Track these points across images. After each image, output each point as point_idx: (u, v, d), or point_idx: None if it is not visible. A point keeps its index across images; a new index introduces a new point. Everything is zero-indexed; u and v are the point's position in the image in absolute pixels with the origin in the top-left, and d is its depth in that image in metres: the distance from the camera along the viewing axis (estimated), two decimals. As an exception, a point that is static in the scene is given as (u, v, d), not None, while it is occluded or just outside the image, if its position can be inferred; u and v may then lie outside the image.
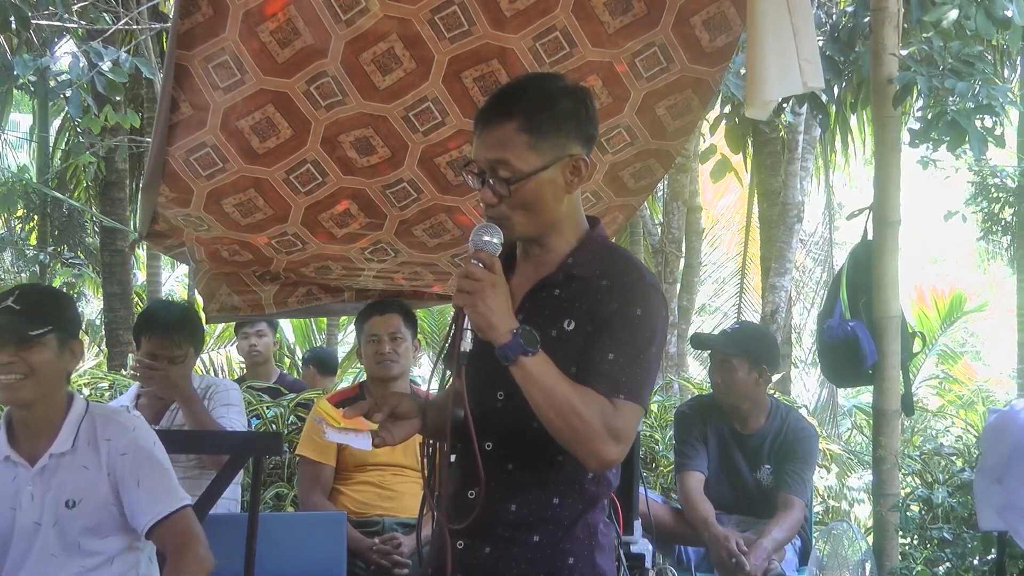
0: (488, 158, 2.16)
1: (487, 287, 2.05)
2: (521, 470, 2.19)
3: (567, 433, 2.07)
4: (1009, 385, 14.62)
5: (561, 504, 2.19)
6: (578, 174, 2.20)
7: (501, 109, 2.18)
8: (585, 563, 2.20)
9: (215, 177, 3.80)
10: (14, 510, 2.83)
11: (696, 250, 10.31)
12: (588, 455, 2.09)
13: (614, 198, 4.19)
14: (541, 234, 2.22)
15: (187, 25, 3.35)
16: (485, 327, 2.05)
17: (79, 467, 2.84)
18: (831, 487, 6.94)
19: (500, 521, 2.19)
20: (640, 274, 2.20)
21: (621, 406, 2.08)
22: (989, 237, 11.33)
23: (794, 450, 4.43)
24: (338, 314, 10.07)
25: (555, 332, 2.15)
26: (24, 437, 2.87)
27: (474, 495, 2.18)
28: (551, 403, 2.05)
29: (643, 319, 2.13)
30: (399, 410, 2.24)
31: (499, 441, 2.20)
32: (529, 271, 2.25)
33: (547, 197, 2.17)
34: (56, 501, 2.82)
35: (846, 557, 4.06)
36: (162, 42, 8.43)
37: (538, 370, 2.05)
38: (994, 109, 4.71)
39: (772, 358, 4.57)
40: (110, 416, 2.94)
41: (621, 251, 2.29)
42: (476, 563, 2.20)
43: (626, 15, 3.56)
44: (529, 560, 2.18)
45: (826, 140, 10.03)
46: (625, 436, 2.08)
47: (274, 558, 3.53)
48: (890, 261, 4.51)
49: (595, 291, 2.16)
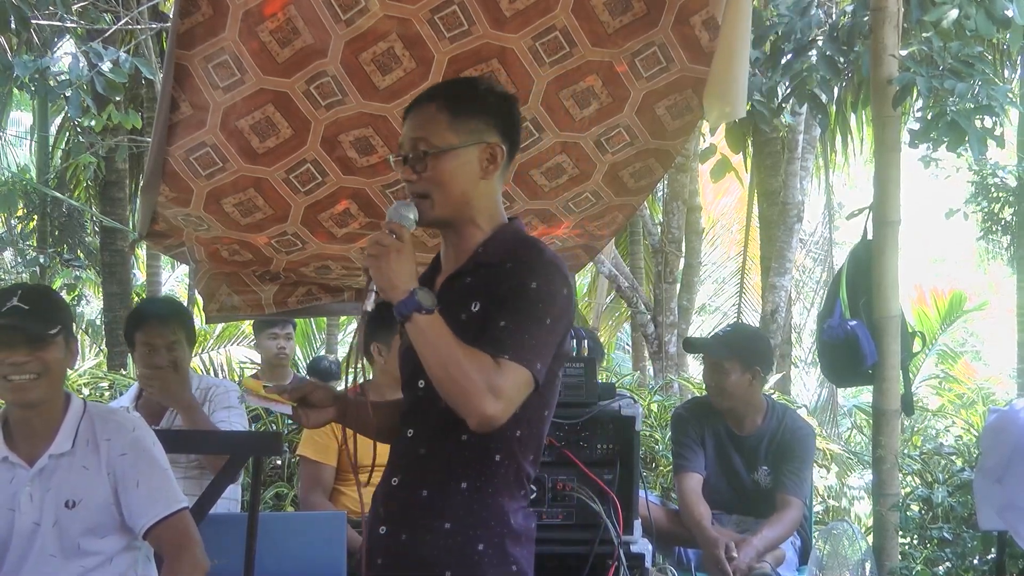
0: (410, 136, 2.32)
1: (392, 251, 2.18)
2: (431, 455, 2.29)
3: (451, 388, 2.15)
4: (1009, 385, 14.62)
5: (469, 489, 2.25)
6: (494, 162, 2.33)
7: (427, 94, 2.37)
8: (496, 551, 2.25)
9: (215, 177, 3.80)
10: (13, 511, 2.81)
11: (696, 250, 10.32)
12: (469, 410, 2.15)
13: (614, 198, 4.19)
14: (455, 217, 2.33)
15: (187, 25, 3.35)
16: (387, 286, 2.17)
17: (78, 467, 2.83)
18: (831, 487, 6.95)
19: (414, 507, 2.28)
20: (540, 253, 2.28)
21: (505, 365, 2.15)
22: (989, 237, 11.33)
23: (791, 450, 4.43)
24: (338, 314, 10.08)
25: (464, 316, 2.25)
26: (22, 437, 2.85)
27: (396, 482, 2.32)
28: (439, 358, 2.15)
29: (538, 291, 2.21)
30: (312, 398, 2.39)
31: (417, 428, 2.32)
32: (449, 263, 2.38)
33: (461, 177, 2.30)
34: (56, 502, 2.81)
35: (846, 557, 4.06)
36: (162, 42, 8.43)
37: (428, 326, 2.16)
38: (994, 110, 4.70)
39: (765, 359, 4.56)
40: (109, 416, 2.93)
41: (532, 240, 2.38)
42: (395, 548, 2.30)
43: (626, 15, 3.56)
44: (441, 547, 2.24)
45: (826, 140, 10.03)
46: (506, 395, 2.14)
47: (274, 558, 3.53)
48: (890, 261, 4.51)
49: (500, 274, 2.25)
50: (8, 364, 2.74)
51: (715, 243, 14.44)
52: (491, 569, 2.24)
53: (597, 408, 3.44)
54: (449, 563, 2.23)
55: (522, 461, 2.29)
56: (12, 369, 2.74)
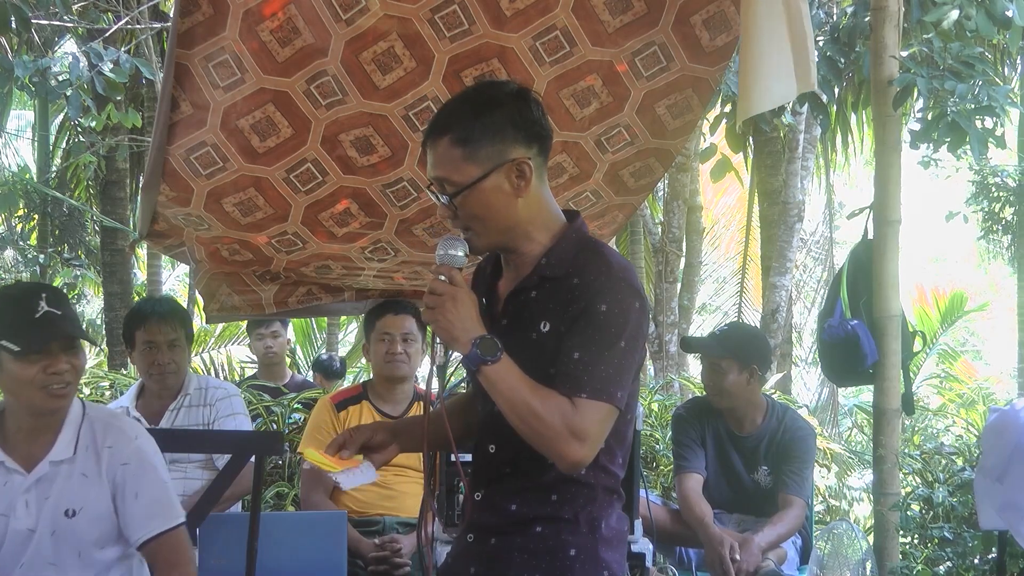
0: (434, 176, 2.22)
1: (447, 300, 2.12)
2: (518, 472, 2.24)
3: (530, 436, 2.11)
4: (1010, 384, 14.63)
5: (559, 499, 2.23)
6: (524, 177, 2.20)
7: (437, 126, 2.23)
8: (588, 556, 2.22)
9: (215, 176, 3.80)
10: (7, 517, 2.71)
11: (697, 249, 10.32)
12: (554, 456, 2.12)
13: (614, 197, 4.19)
14: (506, 241, 2.25)
15: (187, 24, 3.35)
16: (448, 340, 2.14)
17: (78, 475, 2.74)
18: (831, 486, 6.94)
19: (503, 516, 2.25)
20: (608, 268, 2.18)
21: (583, 405, 2.09)
22: (990, 236, 11.33)
23: (792, 450, 4.43)
24: (338, 314, 10.07)
25: (534, 335, 2.19)
26: (20, 442, 2.73)
27: (480, 496, 2.29)
28: (512, 408, 2.11)
29: (608, 314, 2.13)
30: (372, 443, 2.35)
31: (500, 444, 2.26)
32: (511, 276, 2.30)
33: (496, 205, 2.20)
34: (55, 510, 2.72)
35: (847, 556, 4.06)
36: (162, 41, 8.43)
37: (498, 377, 2.10)
38: (994, 110, 4.70)
39: (762, 358, 4.55)
40: (110, 422, 2.83)
41: (595, 246, 2.27)
42: (483, 552, 2.28)
43: (626, 14, 3.56)
44: (531, 550, 2.22)
45: (826, 139, 10.03)
46: (589, 435, 2.10)
47: (275, 557, 3.53)
48: (891, 260, 4.50)
49: (566, 290, 2.18)
50: (50, 373, 2.64)
51: (716, 242, 14.43)
52: (581, 573, 2.22)
53: (597, 408, 3.42)
54: (539, 566, 2.21)
55: (610, 467, 2.25)
56: (54, 378, 2.64)
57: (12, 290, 2.81)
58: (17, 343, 2.61)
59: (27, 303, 2.65)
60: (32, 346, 2.61)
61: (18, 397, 2.69)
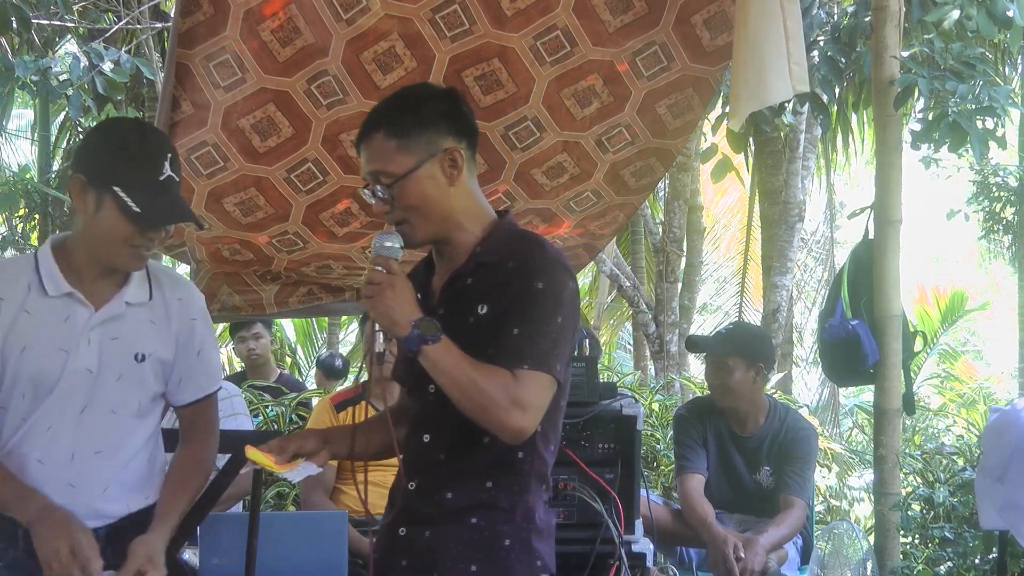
0: (369, 171, 2.29)
1: (385, 288, 2.18)
2: (452, 459, 2.28)
3: (474, 410, 2.16)
4: (1010, 384, 14.62)
5: (495, 487, 2.26)
6: (456, 166, 2.29)
7: (370, 123, 2.31)
8: (522, 546, 2.27)
9: (216, 176, 3.80)
10: (66, 353, 2.46)
11: (697, 249, 10.32)
12: (496, 426, 2.17)
13: (615, 197, 4.19)
14: (442, 232, 2.31)
15: (188, 24, 3.36)
16: (388, 324, 2.18)
17: (147, 321, 2.55)
18: (832, 486, 6.94)
19: (438, 507, 2.27)
20: (542, 251, 2.27)
21: (523, 376, 2.15)
22: (990, 236, 11.32)
23: (793, 451, 4.43)
24: (338, 314, 10.07)
25: (472, 319, 2.24)
26: (88, 277, 2.49)
27: (414, 487, 2.31)
28: (455, 384, 2.16)
29: (544, 291, 2.20)
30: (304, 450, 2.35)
31: (434, 433, 2.30)
32: (444, 268, 2.35)
33: (431, 194, 2.27)
34: (123, 354, 2.51)
35: (847, 556, 4.06)
36: (163, 41, 8.43)
37: (439, 356, 2.15)
38: (995, 111, 4.70)
39: (768, 356, 4.56)
40: (175, 275, 2.68)
41: (528, 234, 2.37)
42: (417, 547, 2.29)
43: (627, 14, 3.57)
44: (466, 542, 2.25)
45: (827, 139, 10.02)
46: (531, 404, 2.16)
47: (275, 557, 3.53)
48: (891, 260, 4.50)
49: (502, 273, 2.24)
50: (146, 238, 2.44)
51: (716, 242, 14.43)
52: (516, 564, 2.26)
53: (598, 407, 3.43)
54: (475, 557, 2.24)
55: (544, 453, 2.31)
56: (146, 243, 2.45)
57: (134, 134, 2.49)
58: (136, 201, 2.39)
59: (153, 156, 2.43)
60: (151, 220, 2.42)
61: (96, 242, 2.47)
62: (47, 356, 2.46)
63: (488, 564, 2.24)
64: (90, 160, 2.46)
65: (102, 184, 2.40)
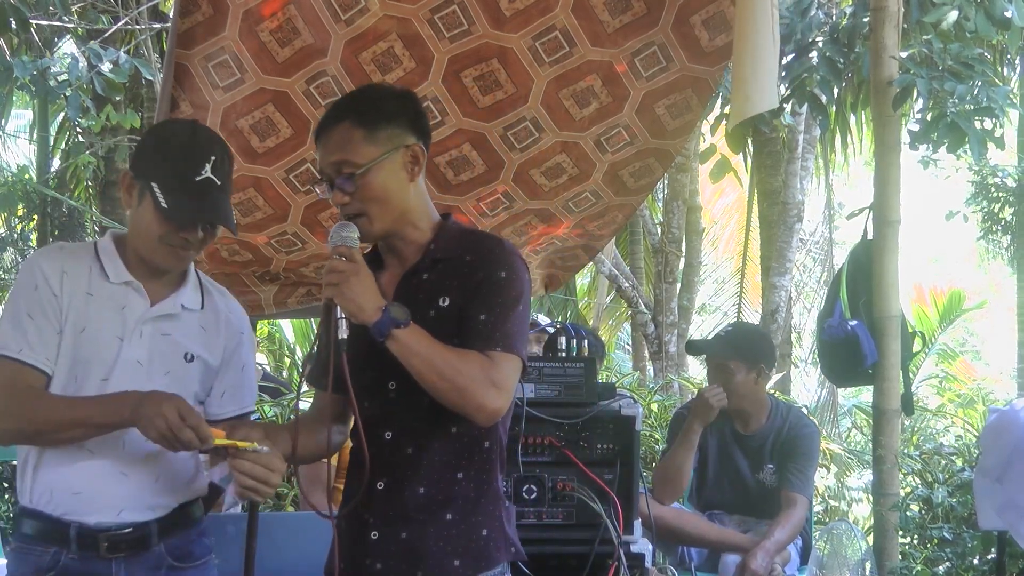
0: (331, 161, 2.30)
1: (350, 275, 2.17)
2: (421, 451, 2.27)
3: (452, 392, 2.17)
4: (1009, 384, 14.64)
5: (465, 477, 2.28)
6: (417, 163, 2.32)
7: (333, 115, 2.33)
8: (498, 533, 2.29)
9: (215, 177, 3.79)
10: (121, 340, 2.46)
11: (696, 249, 10.32)
12: (475, 408, 2.18)
13: (613, 197, 4.19)
14: (396, 226, 2.32)
15: (187, 24, 3.35)
16: (355, 310, 2.17)
17: (198, 326, 2.56)
18: (831, 487, 6.95)
19: (411, 505, 2.27)
20: (499, 243, 2.32)
21: (497, 357, 2.19)
22: (989, 237, 11.34)
23: (796, 448, 4.43)
24: (338, 314, 10.06)
25: (432, 312, 2.26)
26: (145, 275, 2.50)
27: (383, 485, 2.29)
28: (431, 367, 2.16)
29: (507, 280, 2.25)
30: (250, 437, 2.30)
31: (397, 429, 2.29)
32: (395, 265, 2.36)
33: (392, 187, 2.29)
34: (174, 351, 2.51)
35: (846, 556, 4.06)
36: (162, 42, 8.44)
37: (413, 340, 2.16)
38: (994, 111, 4.70)
39: (768, 356, 4.56)
40: (224, 289, 2.69)
41: (478, 231, 2.45)
42: (393, 549, 2.28)
43: (626, 14, 3.57)
44: (445, 538, 2.26)
45: (826, 140, 10.03)
46: (505, 385, 2.20)
47: (274, 557, 3.53)
48: (890, 261, 4.50)
49: (462, 266, 2.28)
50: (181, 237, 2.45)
51: (715, 243, 14.45)
52: (495, 551, 2.28)
53: (597, 408, 3.43)
54: (456, 552, 2.25)
55: (503, 437, 2.35)
56: (182, 242, 2.45)
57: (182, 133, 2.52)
58: (167, 199, 2.40)
59: (193, 156, 2.44)
60: (178, 219, 2.42)
61: (137, 237, 2.49)
62: (104, 342, 2.45)
63: (469, 556, 2.26)
64: (137, 156, 2.53)
65: (143, 180, 2.44)
